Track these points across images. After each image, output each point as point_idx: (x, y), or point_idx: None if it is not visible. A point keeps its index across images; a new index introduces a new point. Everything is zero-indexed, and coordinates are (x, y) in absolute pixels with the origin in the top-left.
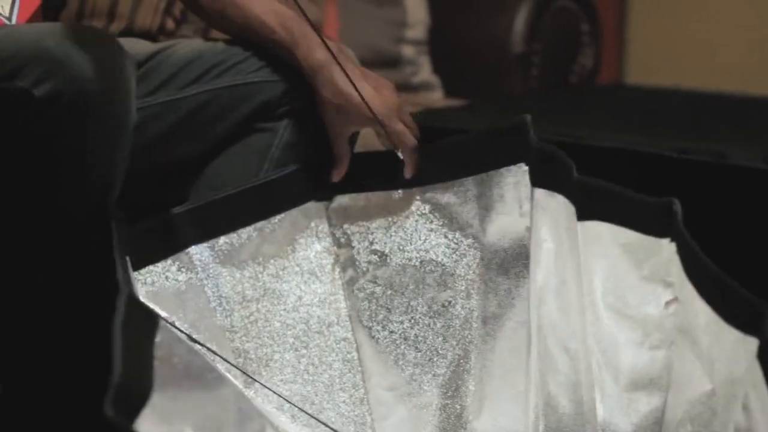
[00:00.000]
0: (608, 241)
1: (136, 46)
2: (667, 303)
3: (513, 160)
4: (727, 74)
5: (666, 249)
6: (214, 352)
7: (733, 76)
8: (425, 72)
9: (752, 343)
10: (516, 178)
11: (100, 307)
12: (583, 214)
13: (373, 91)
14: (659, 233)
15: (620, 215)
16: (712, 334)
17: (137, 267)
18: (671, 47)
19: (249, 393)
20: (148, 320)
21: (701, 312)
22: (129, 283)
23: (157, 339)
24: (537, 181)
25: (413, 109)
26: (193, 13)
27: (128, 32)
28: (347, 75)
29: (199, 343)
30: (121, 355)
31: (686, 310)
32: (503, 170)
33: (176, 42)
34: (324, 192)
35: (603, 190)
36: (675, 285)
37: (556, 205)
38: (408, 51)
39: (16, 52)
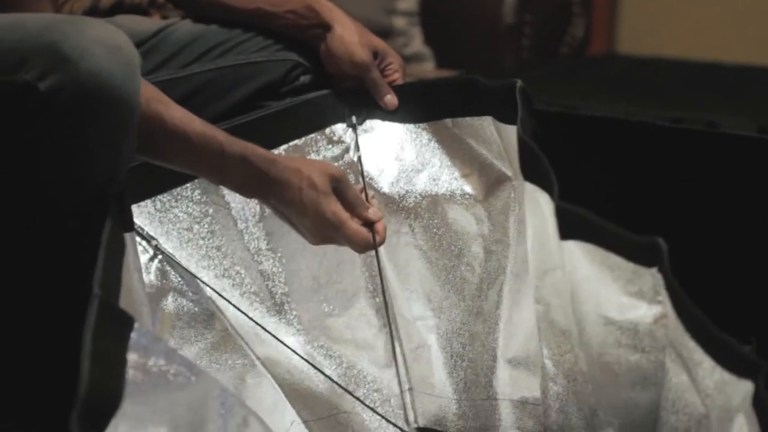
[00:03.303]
0: (593, 260)
1: (137, 25)
2: (657, 319)
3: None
4: (719, 44)
5: (654, 276)
6: (221, 296)
7: (725, 46)
8: (417, 43)
9: (746, 385)
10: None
11: (78, 311)
12: (565, 234)
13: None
14: (646, 264)
15: (605, 241)
16: (705, 370)
17: (161, 191)
18: (663, 17)
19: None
20: (121, 324)
21: (694, 350)
22: (112, 282)
23: (132, 341)
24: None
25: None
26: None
27: (119, 6)
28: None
29: (204, 283)
30: (89, 366)
31: (677, 333)
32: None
33: (177, 20)
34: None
35: (587, 216)
36: (665, 304)
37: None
38: (399, 22)
39: (21, 42)
